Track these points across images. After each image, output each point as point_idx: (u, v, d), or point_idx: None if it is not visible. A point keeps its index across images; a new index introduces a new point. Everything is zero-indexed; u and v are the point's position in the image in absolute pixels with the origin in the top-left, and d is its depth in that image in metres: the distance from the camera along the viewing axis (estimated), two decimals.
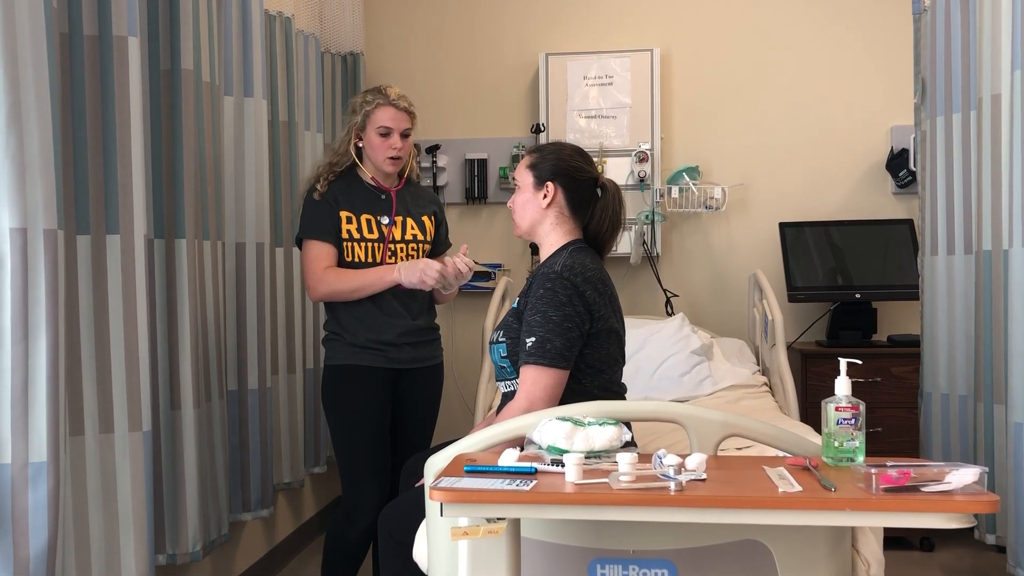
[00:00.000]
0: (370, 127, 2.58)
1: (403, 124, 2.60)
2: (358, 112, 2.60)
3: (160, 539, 2.40)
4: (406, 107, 2.61)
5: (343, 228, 2.57)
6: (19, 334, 1.73)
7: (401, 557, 2.04)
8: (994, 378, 2.64)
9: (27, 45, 1.72)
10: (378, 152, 2.59)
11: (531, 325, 2.06)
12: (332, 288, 2.54)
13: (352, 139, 2.62)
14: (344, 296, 2.56)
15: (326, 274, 2.54)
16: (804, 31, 3.91)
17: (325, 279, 2.54)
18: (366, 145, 2.61)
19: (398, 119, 2.59)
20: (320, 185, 2.59)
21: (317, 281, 2.55)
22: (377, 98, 2.59)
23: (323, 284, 2.54)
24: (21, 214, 1.72)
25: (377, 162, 2.61)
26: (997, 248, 2.60)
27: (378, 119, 2.57)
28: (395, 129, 2.58)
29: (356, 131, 2.61)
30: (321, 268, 2.55)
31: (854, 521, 1.49)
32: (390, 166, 2.61)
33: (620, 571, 1.75)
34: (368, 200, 2.62)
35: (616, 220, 2.24)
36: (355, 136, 2.61)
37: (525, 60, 4.05)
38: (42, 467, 1.76)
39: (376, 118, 2.57)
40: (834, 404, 1.66)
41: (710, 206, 3.85)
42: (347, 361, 2.59)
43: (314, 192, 2.59)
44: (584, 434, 1.68)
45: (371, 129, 2.58)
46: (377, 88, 2.63)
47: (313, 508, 3.75)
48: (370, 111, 2.58)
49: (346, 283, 2.54)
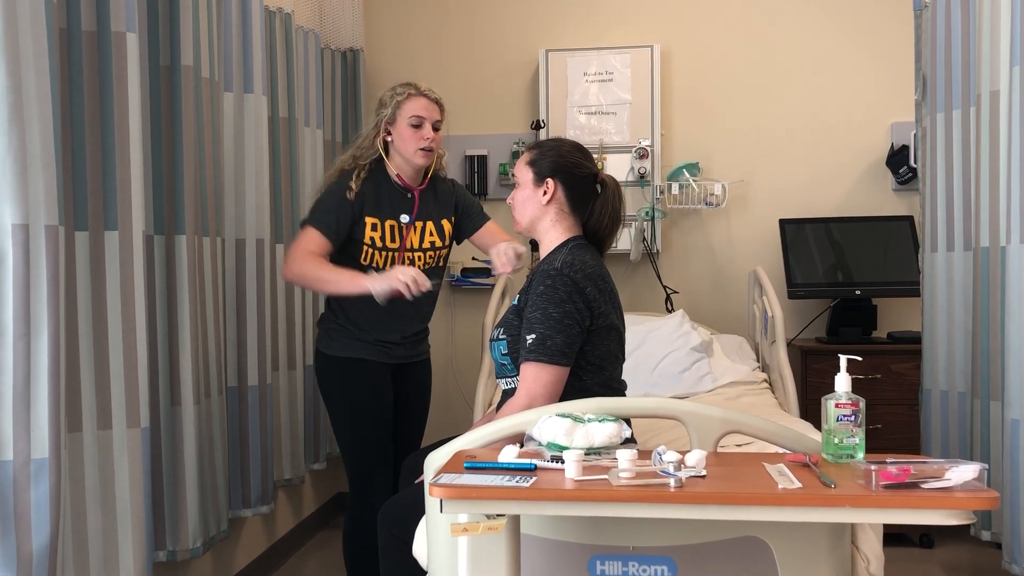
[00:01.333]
0: (401, 119, 2.54)
1: (435, 115, 2.57)
2: (388, 105, 2.56)
3: (160, 535, 2.40)
4: (437, 99, 2.59)
5: (367, 235, 2.54)
6: (21, 330, 1.73)
7: (401, 554, 2.04)
8: (991, 375, 2.64)
9: (28, 41, 1.72)
10: (409, 144, 2.55)
11: (531, 322, 2.06)
12: (301, 271, 2.48)
13: (380, 133, 2.57)
14: (308, 284, 2.59)
15: (306, 258, 2.48)
16: (804, 28, 3.91)
17: (303, 261, 2.48)
18: (396, 138, 2.56)
19: (430, 109, 2.56)
20: (354, 183, 2.53)
21: (294, 261, 2.49)
22: (408, 89, 2.56)
23: (297, 265, 2.48)
24: (23, 210, 1.72)
25: (408, 154, 2.56)
26: (995, 245, 2.60)
27: (409, 109, 2.54)
28: (427, 119, 2.55)
29: (385, 124, 2.56)
30: (303, 251, 2.49)
31: (854, 518, 1.49)
32: (422, 158, 2.56)
33: (620, 567, 1.75)
34: (393, 201, 2.59)
35: (616, 216, 2.24)
36: (384, 130, 2.57)
37: (525, 56, 4.04)
38: (44, 464, 1.76)
39: (407, 108, 2.54)
40: (834, 401, 1.66)
41: (710, 202, 3.85)
42: (353, 354, 2.58)
43: (347, 189, 2.53)
44: (584, 430, 1.68)
45: (402, 121, 2.54)
46: (406, 82, 2.60)
47: (313, 504, 3.75)
48: (401, 101, 2.54)
49: (313, 271, 2.47)
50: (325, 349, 2.63)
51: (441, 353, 4.04)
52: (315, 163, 3.48)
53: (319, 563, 3.40)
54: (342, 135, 3.90)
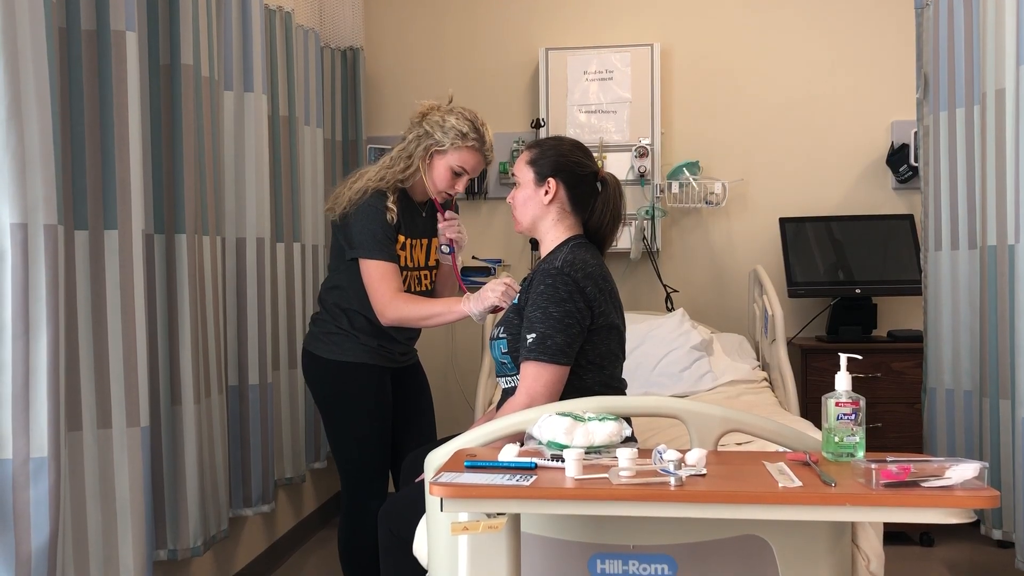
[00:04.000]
0: (448, 159, 2.45)
1: (479, 171, 2.53)
2: (446, 138, 2.44)
3: (161, 534, 2.40)
4: (491, 158, 2.53)
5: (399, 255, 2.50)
6: (20, 329, 1.73)
7: (401, 552, 2.04)
8: (1000, 373, 2.63)
9: (27, 40, 1.72)
10: (439, 183, 2.48)
11: (532, 321, 2.06)
12: (402, 315, 2.42)
13: (426, 156, 2.47)
14: (412, 324, 2.47)
15: (395, 299, 2.42)
16: (805, 26, 3.90)
17: (394, 304, 2.42)
18: (428, 167, 2.48)
19: (479, 167, 2.51)
20: (392, 204, 2.45)
21: (385, 306, 2.42)
22: (474, 142, 2.45)
23: (392, 310, 2.42)
24: (22, 209, 1.72)
25: (431, 189, 2.50)
26: (1002, 243, 2.59)
27: (463, 159, 2.45)
28: (470, 174, 2.49)
29: (434, 149, 2.46)
30: (391, 291, 2.43)
31: (854, 516, 1.49)
32: (438, 196, 2.52)
33: (620, 566, 1.75)
34: (414, 219, 2.55)
35: (617, 214, 2.24)
36: (429, 155, 2.47)
37: (525, 55, 4.04)
38: (43, 463, 1.76)
39: (461, 157, 2.45)
40: (834, 399, 1.66)
41: (710, 201, 3.85)
42: (355, 359, 2.52)
43: (386, 212, 2.44)
44: (584, 429, 1.67)
45: (447, 161, 2.46)
46: (475, 123, 2.46)
47: (314, 503, 3.75)
48: (460, 146, 2.44)
49: (417, 311, 2.42)
50: (324, 353, 2.54)
51: (441, 352, 4.04)
52: (315, 162, 3.47)
53: (319, 562, 3.40)
54: (342, 134, 3.90)
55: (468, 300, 2.36)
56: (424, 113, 2.50)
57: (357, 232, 2.45)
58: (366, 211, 2.44)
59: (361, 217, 2.44)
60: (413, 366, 2.73)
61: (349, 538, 2.60)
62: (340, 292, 2.54)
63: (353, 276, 2.49)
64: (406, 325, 2.47)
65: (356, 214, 2.45)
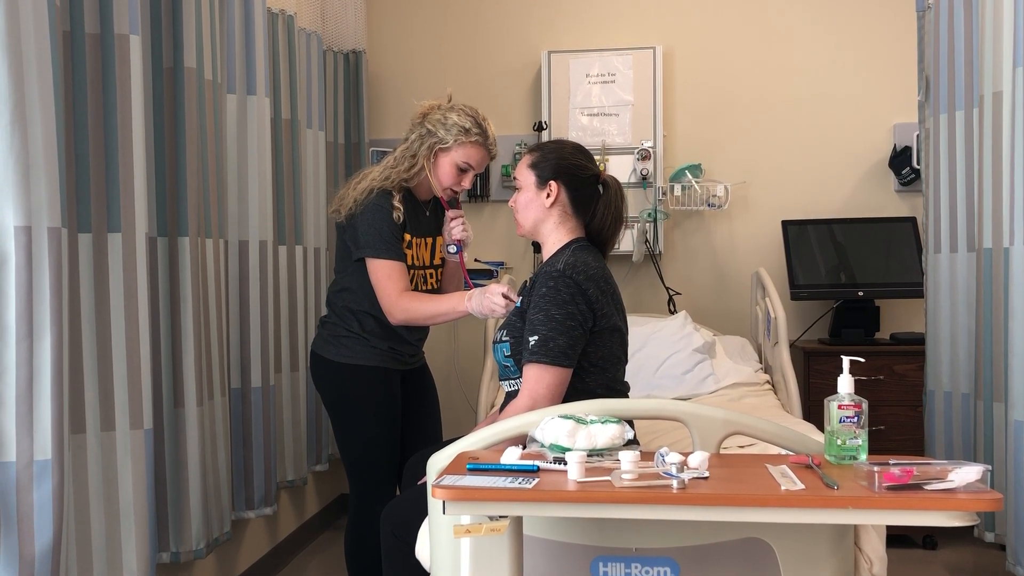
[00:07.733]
0: (453, 156, 2.46)
1: (484, 166, 2.52)
2: (449, 135, 2.45)
3: (164, 537, 2.40)
4: (495, 154, 2.53)
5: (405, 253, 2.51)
6: (24, 332, 1.73)
7: (403, 555, 2.04)
8: (994, 376, 2.64)
9: (31, 44, 1.73)
10: (444, 180, 2.48)
11: (534, 324, 2.06)
12: (409, 315, 2.43)
13: (431, 155, 2.48)
14: (419, 323, 2.48)
15: (402, 298, 2.43)
16: (806, 28, 3.91)
17: (401, 304, 2.43)
18: (433, 166, 2.49)
19: (484, 162, 2.51)
20: (398, 203, 2.46)
21: (392, 305, 2.43)
22: (477, 137, 2.45)
23: (399, 310, 2.43)
24: (25, 212, 1.72)
25: (436, 187, 2.50)
26: (998, 246, 2.59)
27: (467, 154, 2.46)
28: (476, 170, 2.50)
29: (438, 147, 2.47)
30: (398, 290, 2.43)
31: (857, 519, 1.49)
32: (443, 194, 2.52)
33: (623, 569, 1.75)
34: (419, 217, 2.55)
35: (618, 216, 2.24)
36: (433, 154, 2.48)
37: (527, 57, 4.05)
38: (47, 465, 1.76)
39: (466, 152, 2.46)
40: (837, 402, 1.66)
41: (712, 204, 3.85)
42: (367, 362, 2.52)
43: (392, 211, 2.44)
44: (586, 432, 1.68)
45: (452, 158, 2.46)
46: (476, 118, 2.47)
47: (316, 506, 3.75)
48: (464, 142, 2.45)
49: (423, 311, 2.43)
50: (333, 356, 2.53)
51: (444, 355, 4.04)
52: (317, 165, 3.48)
53: (322, 564, 3.40)
54: (344, 137, 3.90)
55: (471, 299, 2.36)
56: (425, 113, 2.51)
57: (364, 232, 2.45)
58: (372, 210, 2.45)
59: (367, 217, 2.45)
60: (421, 368, 2.73)
61: (356, 540, 2.59)
62: (349, 294, 2.54)
63: (362, 277, 2.50)
64: (414, 324, 2.48)
65: (362, 214, 2.45)
